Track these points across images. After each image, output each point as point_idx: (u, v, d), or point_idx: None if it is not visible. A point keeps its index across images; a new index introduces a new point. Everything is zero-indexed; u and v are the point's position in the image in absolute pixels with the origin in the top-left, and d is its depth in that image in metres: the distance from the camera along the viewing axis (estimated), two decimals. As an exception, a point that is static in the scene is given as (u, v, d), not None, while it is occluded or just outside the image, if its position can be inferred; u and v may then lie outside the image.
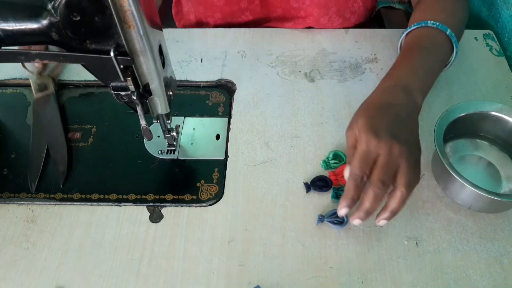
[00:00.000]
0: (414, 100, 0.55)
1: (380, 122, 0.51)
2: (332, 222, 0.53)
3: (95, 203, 0.57)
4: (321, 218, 0.54)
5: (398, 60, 0.62)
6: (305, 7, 0.77)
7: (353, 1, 0.77)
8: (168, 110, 0.49)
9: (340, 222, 0.53)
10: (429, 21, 0.62)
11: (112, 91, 0.44)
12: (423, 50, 0.61)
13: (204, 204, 0.56)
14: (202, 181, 0.58)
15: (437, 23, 0.62)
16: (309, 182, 0.57)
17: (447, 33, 0.62)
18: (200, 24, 0.85)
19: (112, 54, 0.38)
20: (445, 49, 0.62)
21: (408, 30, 0.65)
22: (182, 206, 0.56)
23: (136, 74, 0.42)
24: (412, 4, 0.74)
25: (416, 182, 0.49)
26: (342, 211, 0.49)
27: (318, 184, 0.57)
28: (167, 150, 0.61)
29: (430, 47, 0.61)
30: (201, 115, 0.66)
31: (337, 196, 0.56)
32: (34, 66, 0.69)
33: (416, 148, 0.51)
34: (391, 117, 0.52)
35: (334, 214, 0.54)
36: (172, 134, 0.58)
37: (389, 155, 0.48)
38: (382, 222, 0.49)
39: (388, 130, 0.50)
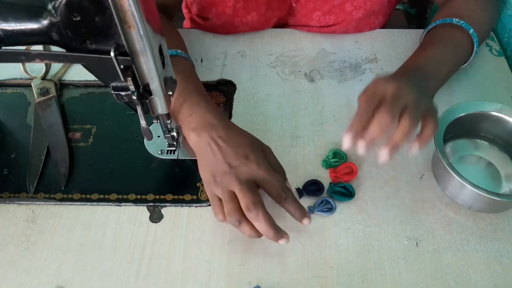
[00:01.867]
0: (427, 83, 0.55)
1: (390, 78, 0.51)
2: (322, 211, 0.54)
3: (95, 203, 0.57)
4: (311, 209, 0.54)
5: (415, 51, 0.63)
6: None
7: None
8: (168, 110, 0.49)
9: (330, 209, 0.55)
10: (454, 19, 0.63)
11: (112, 91, 0.43)
12: (442, 43, 0.61)
13: (204, 204, 0.56)
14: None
15: (462, 22, 0.62)
16: (301, 187, 0.57)
17: (470, 32, 0.62)
18: None
19: (112, 54, 0.38)
20: (465, 46, 0.63)
21: (433, 25, 0.65)
22: (182, 206, 0.56)
23: (136, 74, 0.42)
24: (438, 3, 0.75)
25: (417, 123, 0.48)
26: (345, 140, 0.48)
27: (310, 188, 0.57)
28: (167, 150, 0.61)
29: (449, 42, 0.62)
30: (201, 115, 0.66)
31: (332, 191, 0.56)
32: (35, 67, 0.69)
33: (428, 102, 0.51)
34: (402, 80, 0.51)
35: (322, 202, 0.55)
36: (172, 134, 0.58)
37: (396, 91, 0.48)
38: (383, 155, 0.48)
39: (398, 80, 0.50)
